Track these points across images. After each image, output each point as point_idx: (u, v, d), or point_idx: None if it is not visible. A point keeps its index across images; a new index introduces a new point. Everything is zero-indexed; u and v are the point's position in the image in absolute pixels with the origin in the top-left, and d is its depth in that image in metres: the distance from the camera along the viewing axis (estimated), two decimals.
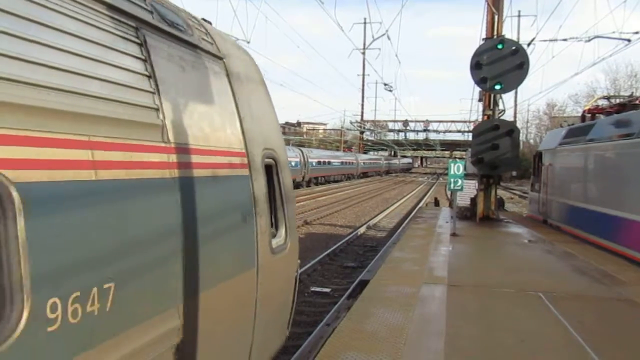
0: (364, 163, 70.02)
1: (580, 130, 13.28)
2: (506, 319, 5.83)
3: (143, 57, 3.19)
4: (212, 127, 4.01)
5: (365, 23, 63.75)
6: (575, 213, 12.53)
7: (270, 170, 5.02)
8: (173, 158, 3.26)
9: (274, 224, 5.00)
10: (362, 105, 78.83)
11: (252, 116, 4.75)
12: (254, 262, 4.42)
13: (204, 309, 3.40)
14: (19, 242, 2.00)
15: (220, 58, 4.51)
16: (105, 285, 2.46)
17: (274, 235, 4.91)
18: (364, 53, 50.91)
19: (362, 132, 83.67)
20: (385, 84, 29.70)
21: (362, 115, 79.63)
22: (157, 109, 3.18)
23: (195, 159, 3.56)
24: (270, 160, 5.03)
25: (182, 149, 3.40)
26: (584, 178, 12.44)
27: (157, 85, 3.25)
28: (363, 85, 77.45)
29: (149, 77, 3.19)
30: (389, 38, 17.24)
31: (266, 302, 4.54)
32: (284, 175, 5.27)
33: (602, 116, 13.35)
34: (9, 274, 1.97)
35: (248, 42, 14.75)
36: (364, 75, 76.42)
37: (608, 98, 15.01)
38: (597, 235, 10.93)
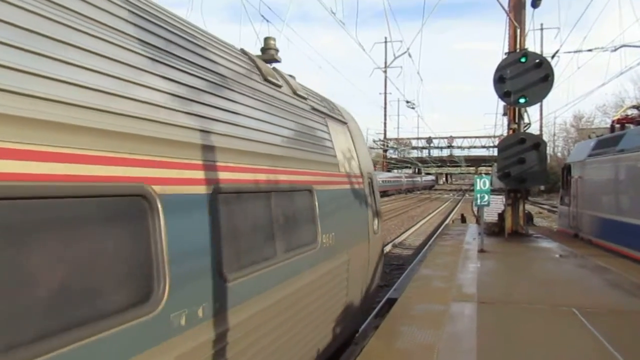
0: (382, 182, 68.96)
1: (609, 140, 12.98)
2: (539, 335, 5.67)
3: (328, 132, 6.82)
4: (350, 162, 7.60)
5: (386, 42, 64.16)
6: (608, 225, 12.19)
7: (370, 185, 8.65)
8: (341, 179, 6.95)
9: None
10: (385, 123, 78.85)
11: (361, 155, 8.48)
12: (367, 237, 8.04)
13: (354, 255, 7.07)
14: (317, 211, 5.70)
15: (345, 123, 8.11)
16: (333, 234, 6.09)
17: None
18: (385, 72, 51.01)
19: (385, 151, 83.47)
20: (407, 102, 29.60)
21: (385, 134, 79.60)
22: (335, 156, 6.80)
23: (347, 179, 7.25)
24: (369, 179, 8.64)
25: (343, 175, 7.07)
26: (616, 189, 12.11)
27: (333, 143, 6.87)
28: (385, 104, 77.61)
29: (331, 140, 6.83)
30: (410, 56, 17.31)
31: (371, 262, 8.28)
32: (375, 188, 9.08)
33: (632, 126, 13.04)
34: (317, 228, 5.66)
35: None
36: (385, 93, 76.66)
37: (638, 107, 14.66)
38: (632, 248, 10.59)
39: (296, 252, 5.05)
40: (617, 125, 13.86)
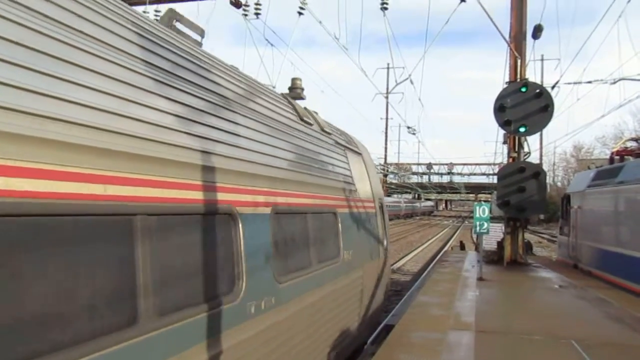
0: None
1: (609, 172, 13.03)
2: None
3: (347, 162, 7.95)
4: (364, 188, 8.72)
5: (388, 68, 64.70)
6: (607, 257, 12.14)
7: (381, 208, 9.95)
8: (357, 203, 7.96)
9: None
10: (386, 148, 78.94)
11: (373, 181, 9.69)
12: (378, 255, 9.25)
13: (367, 271, 8.14)
14: (339, 230, 7.01)
15: (360, 154, 9.25)
16: (351, 251, 7.22)
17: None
18: (387, 97, 51.32)
19: (385, 175, 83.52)
20: (408, 127, 29.62)
21: (385, 159, 79.70)
22: (353, 183, 7.91)
23: (362, 204, 8.35)
24: (380, 203, 9.92)
25: (359, 199, 8.15)
26: (616, 221, 12.10)
27: (351, 172, 7.93)
28: (386, 129, 77.79)
29: (349, 170, 7.91)
30: (412, 82, 17.42)
31: (380, 278, 9.39)
32: (385, 211, 10.48)
33: (631, 158, 13.11)
34: (339, 245, 6.91)
35: (273, 87, 15.07)
36: (387, 118, 76.91)
37: (637, 140, 14.76)
38: (631, 281, 10.52)
39: (325, 264, 6.26)
40: (617, 157, 13.93)
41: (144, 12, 17.33)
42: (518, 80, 14.36)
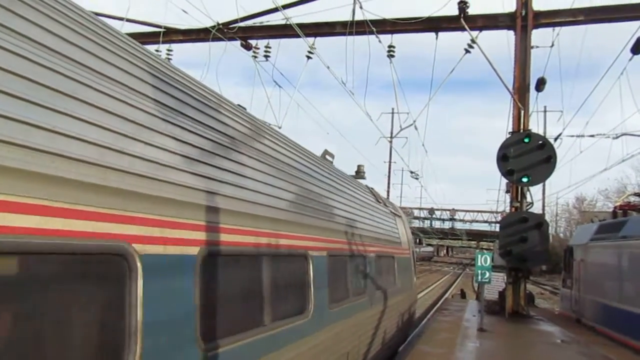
0: None
1: (612, 226, 12.96)
2: None
3: (394, 222, 12.57)
4: (404, 240, 13.25)
5: (392, 113, 65.30)
6: (611, 313, 11.91)
7: (412, 254, 14.34)
8: (401, 250, 12.50)
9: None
10: (388, 192, 78.57)
11: (408, 234, 14.29)
12: (412, 287, 14.20)
13: (407, 296, 12.83)
14: (395, 268, 11.58)
15: (400, 216, 13.91)
16: (400, 280, 11.71)
17: None
18: (390, 141, 51.66)
19: None
20: (411, 172, 29.72)
21: None
22: (399, 237, 12.62)
23: (402, 250, 12.67)
24: (412, 250, 14.28)
25: (401, 248, 12.58)
26: (619, 276, 11.94)
27: (398, 230, 12.64)
28: (389, 173, 77.74)
29: (397, 228, 12.62)
30: (416, 128, 17.60)
31: (413, 302, 14.34)
32: (414, 256, 15.18)
33: (634, 213, 13.06)
34: (395, 276, 11.34)
35: (279, 127, 15.23)
36: (390, 162, 76.99)
37: None
38: (636, 339, 10.28)
39: (390, 287, 9.97)
40: (619, 211, 13.89)
41: (157, 50, 17.76)
42: (521, 130, 14.50)
